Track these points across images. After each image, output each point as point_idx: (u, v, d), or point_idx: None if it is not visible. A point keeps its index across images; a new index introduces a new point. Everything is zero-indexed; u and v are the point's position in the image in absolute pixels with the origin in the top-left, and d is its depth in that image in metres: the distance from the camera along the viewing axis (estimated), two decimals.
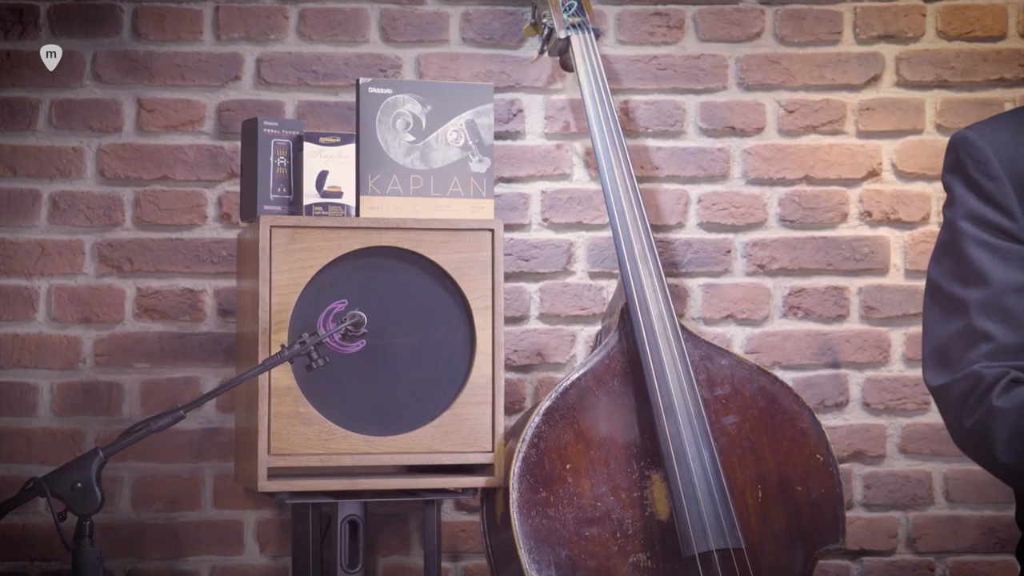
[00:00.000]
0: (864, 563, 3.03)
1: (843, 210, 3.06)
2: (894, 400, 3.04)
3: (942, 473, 3.03)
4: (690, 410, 2.60)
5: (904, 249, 3.06)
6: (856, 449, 3.04)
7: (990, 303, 1.91)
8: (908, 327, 3.05)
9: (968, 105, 3.05)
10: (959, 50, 3.07)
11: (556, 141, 3.05)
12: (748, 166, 3.06)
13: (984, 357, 1.89)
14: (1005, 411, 1.85)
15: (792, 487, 2.64)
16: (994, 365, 1.88)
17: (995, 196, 1.95)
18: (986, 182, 1.95)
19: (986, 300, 1.91)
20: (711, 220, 3.06)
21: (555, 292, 3.03)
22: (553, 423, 2.59)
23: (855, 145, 3.07)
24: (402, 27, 3.03)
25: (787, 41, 3.07)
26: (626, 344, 2.66)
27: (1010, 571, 2.99)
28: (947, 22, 3.07)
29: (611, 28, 3.06)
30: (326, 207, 2.69)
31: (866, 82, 3.07)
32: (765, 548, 2.60)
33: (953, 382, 1.92)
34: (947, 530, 3.03)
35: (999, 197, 1.94)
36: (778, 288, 3.06)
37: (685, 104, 3.06)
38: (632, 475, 2.60)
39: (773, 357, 3.04)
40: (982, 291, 1.92)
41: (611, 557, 2.55)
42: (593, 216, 3.03)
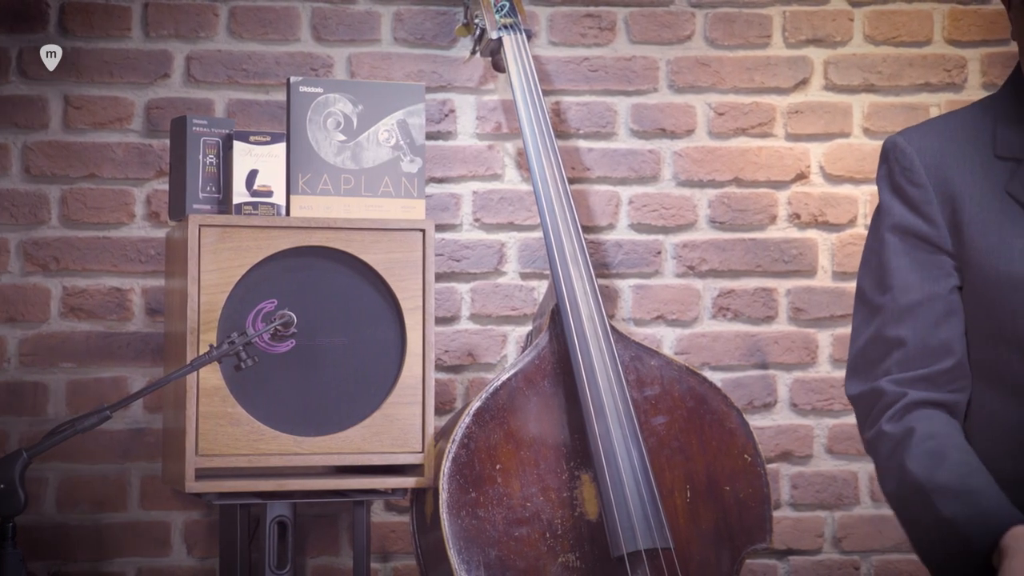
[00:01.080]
0: (791, 562, 3.06)
1: (772, 212, 3.09)
2: (821, 401, 3.07)
3: (868, 473, 3.06)
4: (620, 411, 2.61)
5: (832, 251, 3.09)
6: (784, 449, 3.07)
7: (904, 311, 1.94)
8: (835, 328, 3.08)
9: (894, 109, 3.09)
10: (886, 55, 3.10)
11: (488, 142, 3.05)
12: (678, 168, 3.08)
13: (895, 365, 1.92)
14: (889, 436, 1.89)
15: (720, 487, 2.66)
16: (900, 378, 1.91)
17: (918, 203, 1.97)
18: (910, 188, 1.98)
19: (900, 308, 1.94)
20: (642, 221, 3.07)
21: (486, 292, 3.03)
22: (483, 423, 2.59)
23: (784, 148, 3.10)
24: (333, 26, 3.02)
25: (717, 44, 3.10)
26: (556, 345, 2.67)
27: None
28: (874, 27, 3.11)
29: (543, 29, 3.06)
30: (256, 206, 2.68)
31: (795, 85, 3.10)
32: (693, 548, 2.62)
33: (861, 395, 1.96)
34: (872, 529, 3.06)
35: (922, 204, 1.97)
36: (708, 289, 3.08)
37: (616, 106, 3.08)
38: (562, 475, 2.60)
39: (702, 358, 3.06)
40: (897, 299, 1.94)
41: (541, 557, 2.56)
42: (525, 217, 3.04)
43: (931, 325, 1.93)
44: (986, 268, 1.92)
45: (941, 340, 1.93)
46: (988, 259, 1.92)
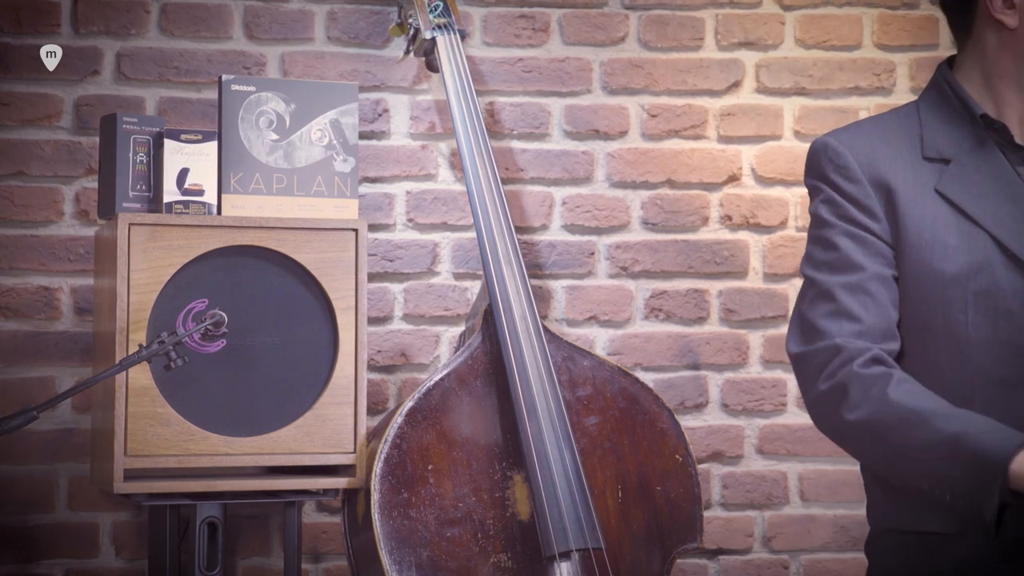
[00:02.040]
0: (721, 562, 3.08)
1: (704, 214, 3.11)
2: (752, 401, 3.10)
3: (797, 473, 3.09)
4: (552, 411, 2.61)
5: (763, 253, 3.11)
6: (715, 450, 3.09)
7: (856, 286, 1.97)
8: (766, 329, 3.10)
9: (825, 112, 3.12)
10: (816, 58, 3.13)
11: (422, 141, 3.04)
12: (612, 169, 3.09)
13: (848, 334, 1.94)
14: (866, 377, 1.90)
15: (651, 487, 2.67)
16: (857, 341, 1.93)
17: (858, 197, 2.00)
18: (848, 185, 2.01)
19: (852, 284, 1.97)
20: (575, 222, 3.08)
21: (419, 293, 3.03)
22: (416, 424, 2.58)
23: (716, 150, 3.12)
24: (266, 24, 3.00)
25: (651, 46, 3.11)
26: (489, 345, 2.67)
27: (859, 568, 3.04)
28: (805, 31, 3.13)
29: (477, 30, 3.06)
30: (187, 205, 2.66)
31: (727, 88, 3.12)
32: (624, 548, 2.63)
33: (815, 350, 1.96)
34: (801, 529, 3.09)
35: (861, 198, 2.00)
36: (640, 290, 3.09)
37: (550, 106, 3.08)
38: (494, 476, 2.60)
39: (635, 358, 3.08)
40: (849, 276, 1.98)
41: (472, 558, 2.56)
42: (458, 217, 3.04)
43: (883, 305, 1.96)
44: (920, 264, 1.96)
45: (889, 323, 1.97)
46: (922, 255, 1.95)
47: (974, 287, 1.93)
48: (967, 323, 1.93)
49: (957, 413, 1.84)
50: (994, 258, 1.93)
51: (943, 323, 1.95)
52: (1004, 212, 1.95)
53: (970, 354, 1.93)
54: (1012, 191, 1.96)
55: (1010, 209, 1.95)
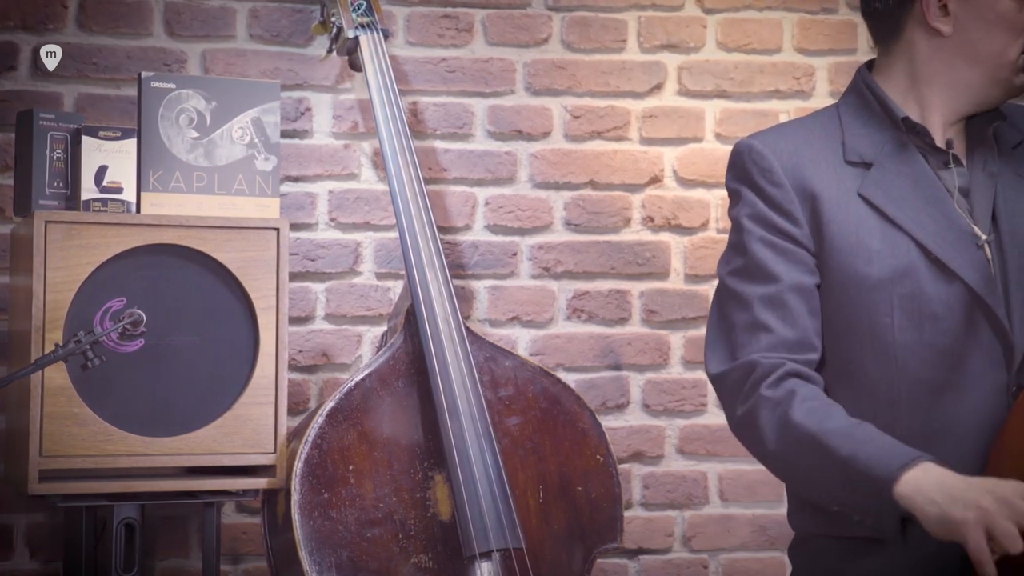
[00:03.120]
0: (641, 561, 3.10)
1: (626, 215, 3.12)
2: (673, 402, 3.12)
3: (717, 473, 3.11)
4: (473, 411, 2.61)
5: (684, 254, 3.13)
6: (636, 450, 3.10)
7: (773, 298, 1.97)
8: (687, 330, 3.12)
9: (746, 115, 3.15)
10: (737, 61, 3.16)
11: (344, 141, 3.03)
12: (535, 170, 3.10)
13: (764, 348, 1.95)
14: (771, 400, 1.91)
15: (572, 487, 2.68)
16: (772, 356, 1.94)
17: (780, 202, 2.01)
18: (771, 189, 2.01)
19: (769, 295, 1.97)
20: (498, 223, 3.08)
21: (342, 292, 3.02)
22: (336, 424, 2.57)
23: (638, 151, 3.13)
24: (187, 21, 2.97)
25: (574, 47, 3.12)
26: (411, 345, 2.67)
27: (777, 567, 3.09)
28: (726, 34, 3.16)
29: (400, 29, 3.06)
30: (105, 203, 2.63)
31: (649, 90, 3.14)
32: (545, 547, 2.64)
33: (731, 369, 1.97)
34: (720, 528, 3.11)
35: (784, 203, 2.00)
36: (562, 291, 3.10)
37: (473, 107, 3.08)
38: (415, 476, 2.60)
39: (557, 359, 3.08)
40: (766, 287, 1.98)
41: (393, 558, 2.55)
42: (381, 217, 3.03)
43: (799, 316, 1.97)
44: (844, 268, 1.97)
45: (808, 333, 1.98)
46: (846, 259, 1.97)
47: (899, 291, 1.94)
48: (892, 327, 1.95)
49: (850, 433, 1.86)
50: (918, 262, 1.95)
51: (869, 327, 1.96)
52: (926, 215, 1.97)
53: (896, 357, 1.95)
54: (933, 194, 1.98)
55: (931, 212, 1.97)
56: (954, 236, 1.95)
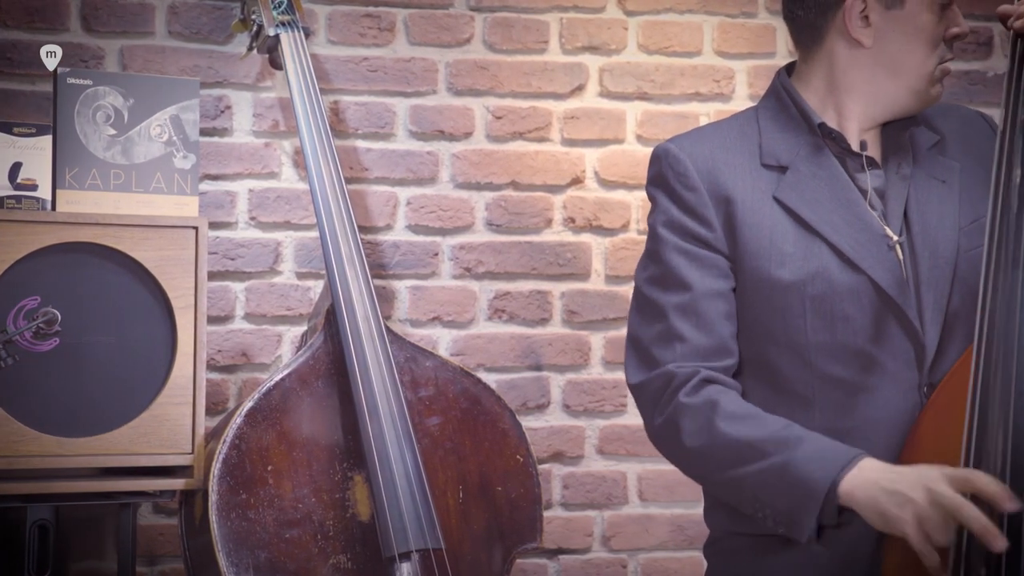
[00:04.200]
0: (561, 561, 3.10)
1: (548, 216, 3.13)
2: (593, 402, 3.13)
3: (636, 473, 3.13)
4: (394, 411, 2.61)
5: (605, 255, 3.15)
6: (556, 450, 3.11)
7: (687, 307, 1.99)
8: (607, 331, 3.14)
9: (666, 117, 3.17)
10: (658, 64, 3.18)
11: (265, 139, 3.01)
12: (456, 170, 3.10)
13: (680, 357, 1.97)
14: (691, 406, 1.93)
15: (492, 487, 2.68)
16: (688, 365, 1.96)
17: (694, 206, 2.03)
18: (686, 193, 2.03)
19: (683, 304, 1.99)
20: (419, 223, 3.08)
21: (261, 292, 3.00)
22: (255, 424, 2.56)
23: (560, 152, 3.14)
24: (105, 17, 2.94)
25: (496, 48, 3.12)
26: (331, 345, 2.65)
27: (696, 566, 3.11)
28: (647, 36, 3.18)
29: (322, 28, 3.04)
30: (19, 200, 2.59)
31: (571, 91, 3.15)
32: (465, 548, 2.64)
33: (649, 379, 1.99)
34: (639, 528, 3.13)
35: (698, 207, 2.02)
36: (484, 291, 3.10)
37: (395, 106, 3.08)
38: (335, 476, 2.59)
39: (478, 359, 3.09)
40: (680, 296, 1.99)
41: (311, 559, 2.54)
42: (301, 216, 3.01)
43: (713, 323, 1.99)
44: (758, 271, 1.99)
45: (723, 339, 2.00)
46: (760, 262, 1.99)
47: (812, 292, 1.97)
48: (806, 328, 1.97)
49: (784, 438, 1.88)
50: (830, 263, 1.97)
51: (783, 328, 1.99)
52: (839, 218, 1.99)
53: (810, 358, 1.97)
54: (847, 196, 2.01)
55: (844, 214, 1.99)
56: (866, 238, 1.98)
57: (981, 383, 1.79)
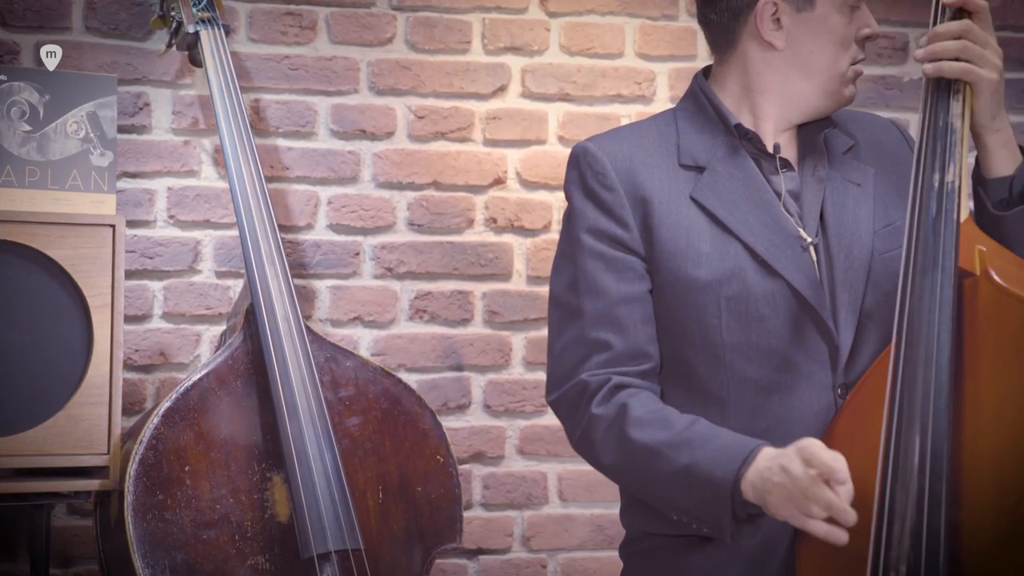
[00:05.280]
0: (481, 561, 3.11)
1: (469, 216, 3.13)
2: (513, 402, 3.13)
3: (556, 473, 3.14)
4: (313, 412, 2.60)
5: (526, 256, 3.15)
6: (477, 450, 3.11)
7: (602, 313, 2.00)
8: (529, 331, 3.14)
9: (588, 118, 3.18)
10: (580, 65, 3.19)
11: (184, 137, 2.99)
12: (378, 169, 3.09)
13: (596, 366, 1.98)
14: (603, 418, 1.95)
15: (412, 488, 2.68)
16: (601, 372, 1.97)
17: (611, 206, 2.03)
18: (603, 192, 2.04)
19: (599, 310, 2.00)
20: (340, 222, 3.07)
21: (180, 291, 2.97)
22: (172, 424, 2.54)
23: (482, 153, 3.14)
24: (20, 11, 2.90)
25: (418, 48, 3.12)
26: (250, 344, 2.64)
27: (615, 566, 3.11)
28: (570, 38, 3.19)
29: (243, 25, 3.02)
30: None
31: (493, 92, 3.15)
32: (384, 548, 2.63)
33: (565, 393, 2.00)
34: (559, 528, 3.14)
35: (615, 208, 2.03)
36: (405, 291, 3.10)
37: (317, 105, 3.06)
38: (253, 477, 2.57)
39: (399, 359, 3.08)
40: (595, 302, 2.00)
41: (229, 560, 2.52)
42: (221, 215, 2.99)
43: (629, 328, 1.99)
44: (675, 271, 2.00)
45: (640, 343, 2.00)
46: (677, 263, 2.00)
47: (727, 293, 1.98)
48: (721, 328, 1.99)
49: (687, 440, 1.89)
50: (745, 264, 1.99)
51: (698, 329, 2.00)
52: (755, 219, 2.01)
53: (724, 358, 1.99)
54: (762, 198, 2.02)
55: (760, 215, 2.01)
56: (780, 239, 2.00)
57: (900, 384, 1.81)
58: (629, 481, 2.00)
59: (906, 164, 1.99)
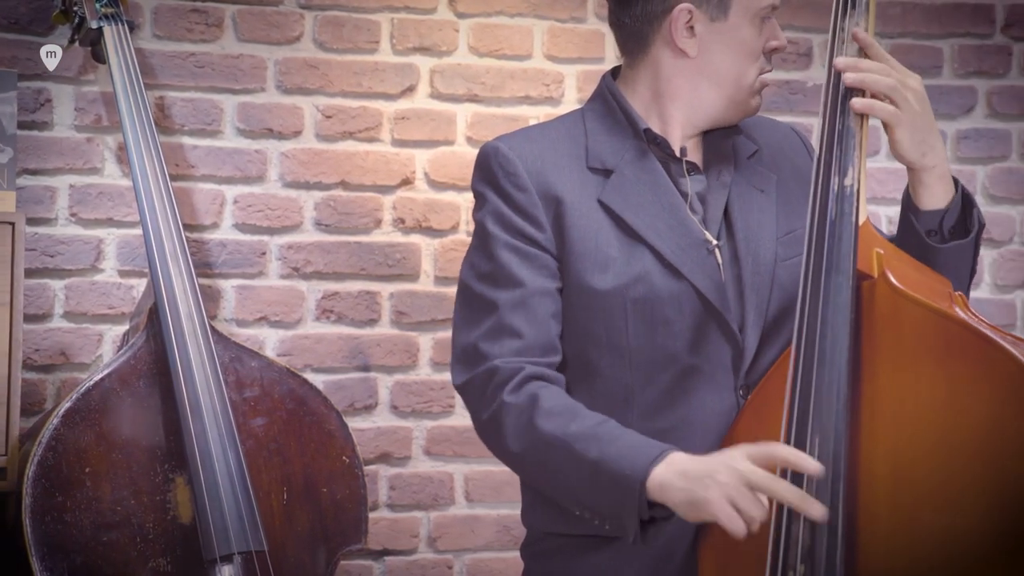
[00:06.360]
0: (386, 562, 3.10)
1: (377, 216, 3.12)
2: (421, 403, 3.13)
3: (463, 474, 3.14)
4: (217, 412, 2.57)
5: (434, 256, 3.15)
6: (383, 451, 3.10)
7: (518, 303, 2.00)
8: (436, 332, 3.14)
9: (496, 120, 3.18)
10: (489, 66, 3.19)
11: (87, 134, 2.95)
12: (285, 169, 3.07)
13: (508, 353, 1.98)
14: (514, 406, 1.94)
15: (318, 489, 2.67)
16: (514, 360, 1.97)
17: (524, 206, 2.03)
18: (516, 193, 2.04)
19: (514, 300, 2.00)
20: (247, 221, 3.04)
21: (82, 290, 2.94)
22: (73, 425, 2.50)
23: (390, 153, 3.14)
24: None
25: (326, 47, 3.10)
26: (154, 344, 2.61)
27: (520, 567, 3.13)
28: (478, 39, 3.19)
29: (148, 22, 2.99)
30: None
31: (402, 92, 3.15)
32: (288, 549, 2.62)
33: (475, 376, 1.99)
34: (465, 529, 3.14)
35: (528, 207, 2.03)
36: (312, 291, 3.08)
37: (223, 103, 3.04)
38: (155, 478, 2.55)
39: (305, 360, 3.06)
40: (511, 292, 2.00)
41: (130, 562, 2.49)
42: (125, 213, 2.96)
43: (544, 320, 2.00)
44: (583, 273, 2.01)
45: (551, 338, 2.01)
46: (585, 265, 2.01)
47: (633, 296, 1.99)
48: (627, 331, 2.00)
49: (596, 435, 1.90)
50: (652, 267, 2.00)
51: (604, 331, 2.01)
52: (662, 223, 2.02)
53: (630, 360, 2.00)
54: (669, 201, 2.04)
55: (667, 219, 2.02)
56: (687, 243, 2.01)
57: (800, 385, 1.83)
58: (533, 472, 2.00)
59: (806, 171, 2.01)
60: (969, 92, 3.38)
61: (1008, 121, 3.40)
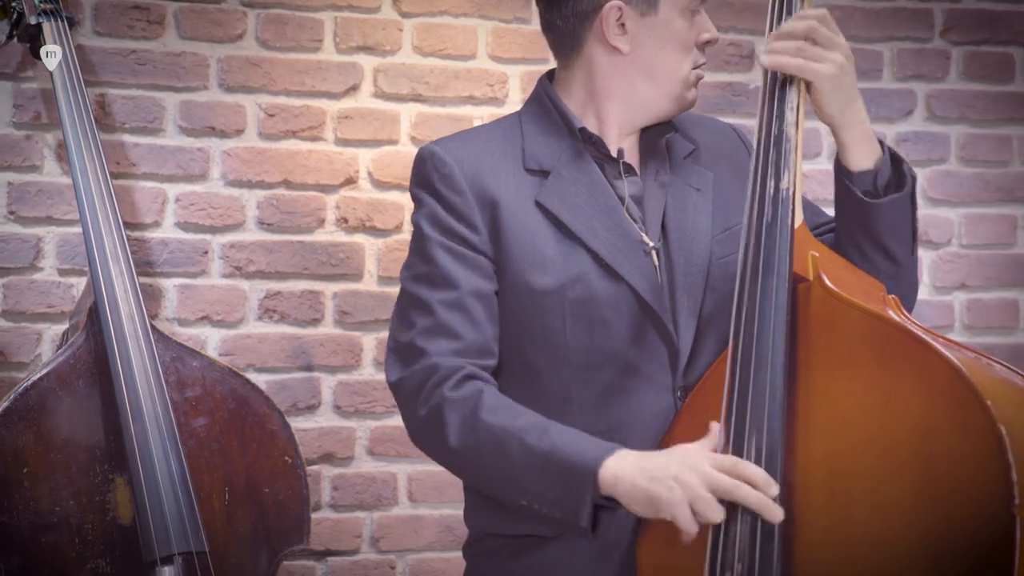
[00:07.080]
0: (329, 563, 3.09)
1: (320, 216, 3.11)
2: (364, 403, 3.13)
3: (406, 474, 3.14)
4: (158, 412, 2.56)
5: (378, 256, 3.15)
6: (326, 451, 3.10)
7: (454, 303, 2.00)
8: (379, 332, 3.13)
9: (440, 120, 3.18)
10: (433, 66, 3.19)
11: (26, 131, 2.92)
12: (227, 167, 3.06)
13: (446, 352, 1.98)
14: (456, 401, 1.95)
15: (259, 489, 2.66)
16: (452, 359, 1.98)
17: (460, 209, 2.04)
18: (452, 195, 2.05)
19: (450, 301, 2.00)
20: (189, 220, 3.03)
21: (21, 289, 2.91)
22: (10, 426, 2.48)
23: (334, 152, 3.13)
24: None
25: (269, 45, 3.09)
26: (93, 344, 2.59)
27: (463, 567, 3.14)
28: (422, 38, 3.19)
29: (88, 18, 2.97)
30: None
31: (345, 91, 3.14)
32: (230, 550, 2.61)
33: (411, 374, 1.99)
34: (408, 529, 3.14)
35: (464, 210, 2.04)
36: (254, 291, 3.07)
37: (165, 101, 3.02)
38: (95, 479, 2.53)
39: (248, 359, 3.05)
40: (447, 293, 2.01)
41: (68, 564, 2.48)
42: (64, 211, 2.93)
43: (480, 321, 2.01)
44: (521, 275, 2.02)
45: (487, 339, 2.02)
46: (522, 266, 2.02)
47: (571, 297, 2.00)
48: (565, 331, 2.01)
49: (545, 428, 1.91)
50: (589, 268, 2.01)
51: (541, 332, 2.02)
52: (599, 223, 2.03)
53: (568, 360, 2.01)
54: (606, 202, 2.05)
55: (604, 220, 2.03)
56: (624, 243, 2.02)
57: (738, 388, 1.85)
58: (474, 465, 1.99)
59: (744, 168, 2.03)
60: (908, 95, 3.42)
61: (947, 124, 3.43)
